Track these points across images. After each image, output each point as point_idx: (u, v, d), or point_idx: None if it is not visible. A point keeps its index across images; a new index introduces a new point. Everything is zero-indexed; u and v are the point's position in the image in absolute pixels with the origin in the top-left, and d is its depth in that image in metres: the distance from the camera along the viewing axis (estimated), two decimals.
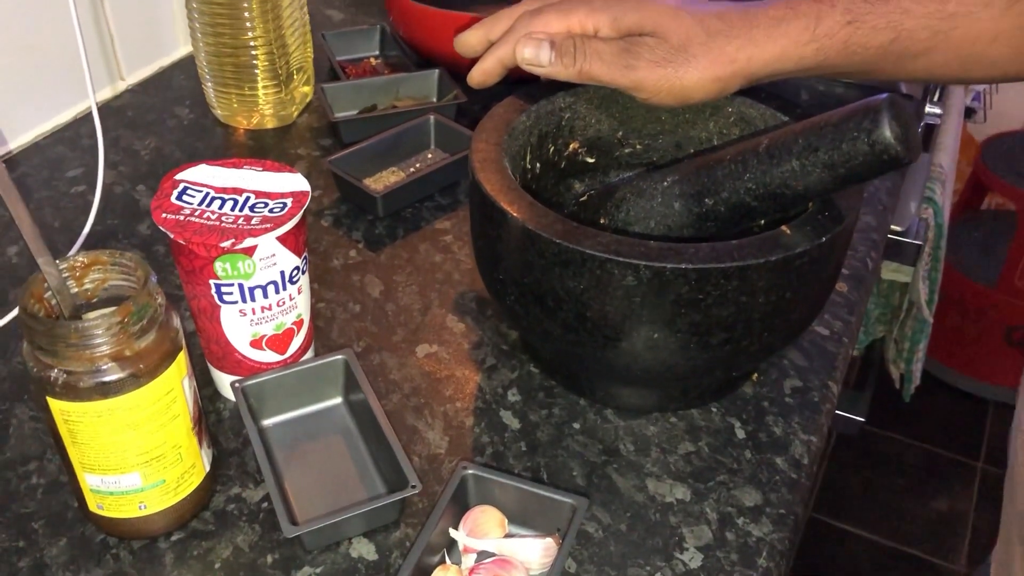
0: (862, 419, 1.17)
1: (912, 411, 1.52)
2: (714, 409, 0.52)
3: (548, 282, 0.45)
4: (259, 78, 0.74)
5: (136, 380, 0.39)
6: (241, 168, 0.49)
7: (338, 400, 0.52)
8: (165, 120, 0.77)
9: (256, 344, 0.49)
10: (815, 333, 0.57)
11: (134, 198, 0.67)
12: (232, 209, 0.46)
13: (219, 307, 0.48)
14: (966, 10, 0.47)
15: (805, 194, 0.45)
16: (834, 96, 0.83)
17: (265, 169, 0.49)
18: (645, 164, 0.59)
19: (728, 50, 0.47)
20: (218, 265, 0.46)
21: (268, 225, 0.46)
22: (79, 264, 0.41)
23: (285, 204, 0.47)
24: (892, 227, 0.91)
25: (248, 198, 0.47)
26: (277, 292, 0.48)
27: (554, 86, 0.54)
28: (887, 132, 0.41)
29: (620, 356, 0.46)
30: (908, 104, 0.83)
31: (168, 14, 0.83)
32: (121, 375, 0.39)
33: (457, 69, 0.78)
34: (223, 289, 0.47)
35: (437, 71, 0.79)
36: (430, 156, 0.73)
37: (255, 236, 0.45)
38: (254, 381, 0.49)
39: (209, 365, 0.52)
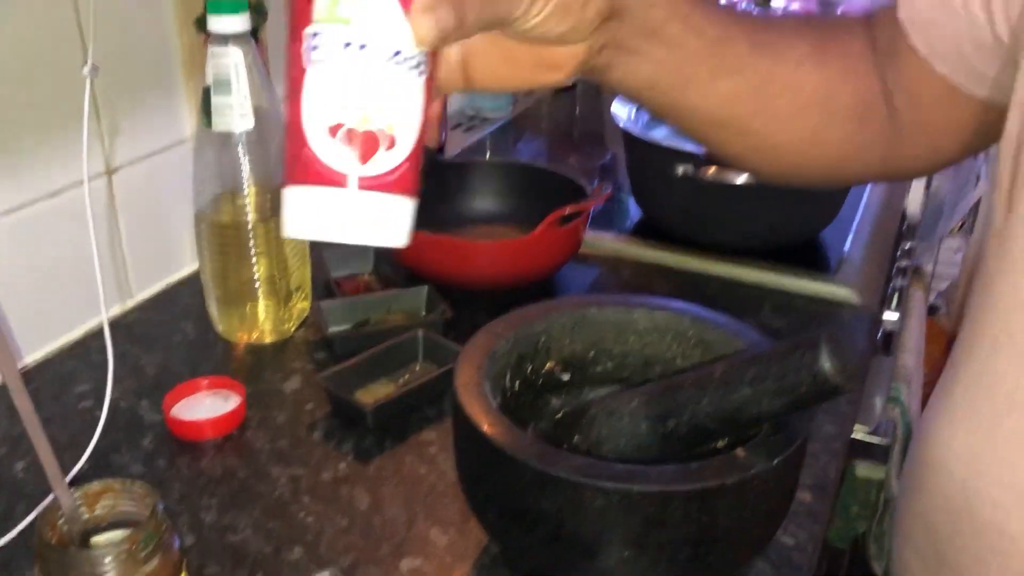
0: None
1: None
2: None
3: (525, 502, 0.49)
4: (260, 297, 0.80)
5: None
6: None
7: None
8: (171, 336, 0.82)
9: (333, 131, 0.39)
10: (781, 544, 0.59)
11: (138, 413, 0.71)
12: None
13: (304, 71, 0.39)
14: (771, 48, 0.56)
15: (758, 418, 0.50)
16: (794, 307, 0.89)
17: None
18: (617, 381, 0.63)
19: None
20: (317, 1, 0.39)
21: None
22: (92, 492, 0.44)
23: None
24: (859, 427, 0.95)
25: None
26: (374, 63, 0.39)
27: (530, 313, 0.60)
28: (826, 365, 0.46)
29: (596, 573, 0.49)
30: (864, 314, 0.89)
31: (178, 235, 0.90)
32: None
33: (445, 286, 0.84)
34: (315, 40, 0.39)
35: (426, 288, 0.85)
36: (418, 368, 0.77)
37: None
38: None
39: (283, 195, 0.41)
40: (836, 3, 1.61)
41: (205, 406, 0.72)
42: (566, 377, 0.63)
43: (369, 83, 0.39)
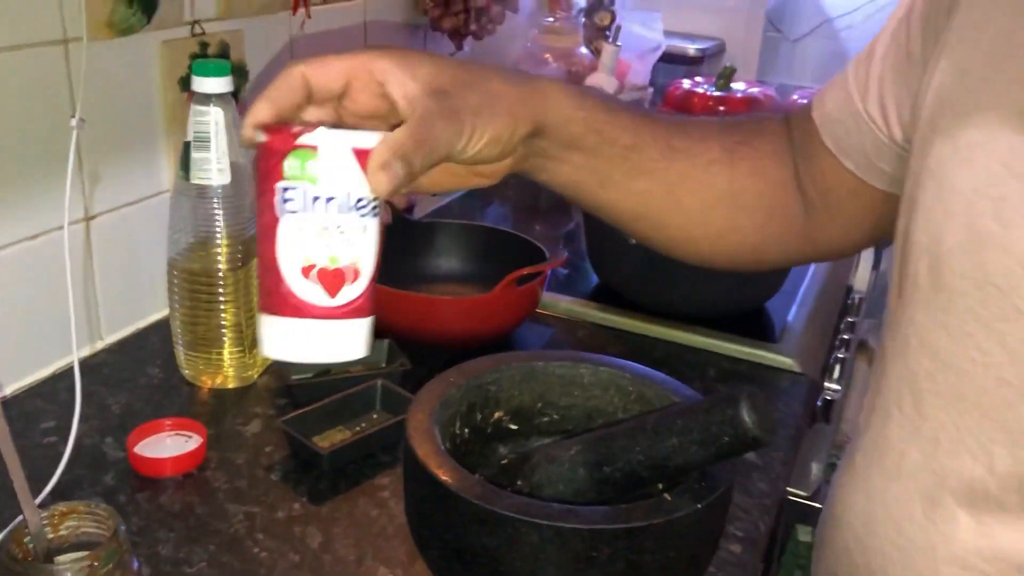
0: None
1: None
2: None
3: (466, 538, 0.52)
4: (226, 343, 0.83)
5: None
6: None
7: None
8: (138, 378, 0.85)
9: (306, 272, 0.46)
10: None
11: (102, 450, 0.74)
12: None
13: (278, 220, 0.46)
14: (684, 151, 0.62)
15: (685, 467, 0.54)
16: (737, 372, 0.94)
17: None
18: (562, 431, 0.67)
19: (519, 88, 0.53)
20: (287, 162, 0.45)
21: (346, 133, 0.45)
22: (58, 513, 0.47)
23: (374, 136, 0.46)
24: (798, 492, 0.99)
25: (344, 128, 0.47)
26: (340, 212, 0.46)
27: (482, 364, 0.64)
28: (746, 419, 0.50)
29: None
30: (803, 381, 0.94)
31: (149, 282, 0.93)
32: None
33: (405, 340, 0.88)
34: (287, 193, 0.45)
35: (387, 341, 0.88)
36: (375, 416, 0.81)
37: (328, 133, 0.45)
38: None
39: (259, 320, 0.48)
40: (791, 93, 1.70)
41: (167, 445, 0.74)
42: (514, 427, 0.67)
43: (335, 229, 0.45)
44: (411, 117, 0.47)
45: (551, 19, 1.69)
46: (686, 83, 1.67)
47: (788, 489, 0.97)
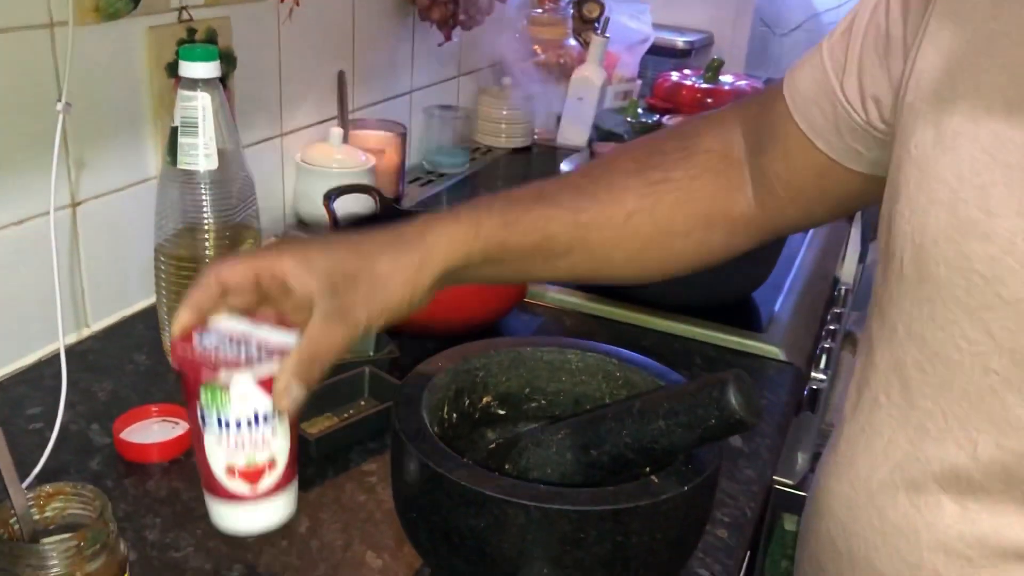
0: None
1: None
2: None
3: (453, 520, 0.52)
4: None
5: None
6: (259, 323, 0.56)
7: None
8: (123, 365, 0.85)
9: (230, 472, 0.55)
10: (696, 575, 0.63)
11: (88, 436, 0.74)
12: (236, 352, 0.53)
13: (202, 432, 0.54)
14: (595, 221, 0.63)
15: (671, 449, 0.54)
16: (724, 360, 0.94)
17: (277, 324, 0.56)
18: (550, 417, 0.67)
19: (405, 260, 0.57)
20: (202, 391, 0.52)
21: (249, 367, 0.52)
22: (44, 494, 0.47)
23: (273, 356, 0.53)
24: (784, 481, 1.00)
25: (253, 345, 0.54)
26: (251, 429, 0.54)
27: (471, 349, 0.64)
28: (732, 401, 0.50)
29: None
30: (789, 370, 0.95)
31: (136, 269, 0.93)
32: None
33: (394, 328, 0.88)
34: (205, 415, 0.53)
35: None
36: (363, 403, 0.81)
37: (232, 373, 0.52)
38: None
39: (205, 496, 0.57)
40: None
41: (153, 431, 0.74)
42: (502, 412, 0.67)
43: (249, 439, 0.54)
44: (306, 332, 0.53)
45: (539, 10, 1.69)
46: (674, 75, 1.67)
47: (775, 478, 0.97)
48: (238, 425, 0.54)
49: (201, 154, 0.77)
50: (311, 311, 0.53)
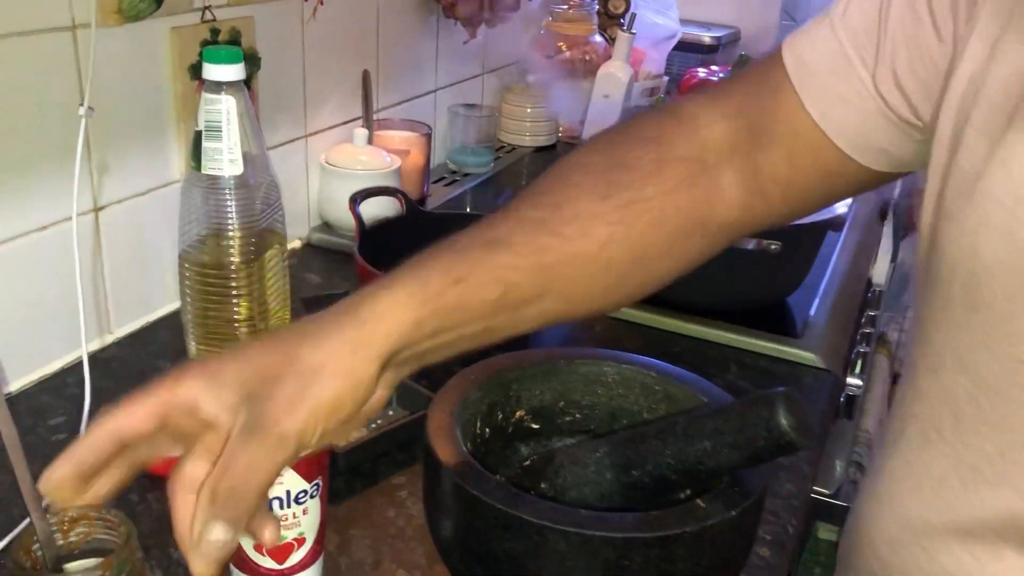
0: None
1: None
2: None
3: (489, 544, 0.50)
4: (240, 338, 0.81)
5: None
6: None
7: None
8: (148, 373, 0.83)
9: (258, 548, 0.56)
10: None
11: None
12: None
13: None
14: (563, 260, 0.53)
15: (717, 470, 0.52)
16: (759, 367, 0.92)
17: None
18: (584, 431, 0.65)
19: (334, 344, 0.45)
20: None
21: None
22: (68, 519, 0.45)
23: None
24: (820, 490, 0.97)
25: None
26: (281, 508, 0.55)
27: (503, 362, 0.62)
28: (782, 421, 0.48)
29: None
30: (827, 376, 0.92)
31: (160, 274, 0.92)
32: None
33: None
34: None
35: None
36: (391, 414, 0.79)
37: None
38: None
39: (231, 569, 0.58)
40: None
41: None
42: (535, 426, 0.65)
43: (280, 520, 0.53)
44: (220, 457, 0.42)
45: (564, 6, 1.66)
46: (701, 71, 1.64)
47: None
48: (269, 504, 0.53)
49: (226, 159, 0.76)
50: None
